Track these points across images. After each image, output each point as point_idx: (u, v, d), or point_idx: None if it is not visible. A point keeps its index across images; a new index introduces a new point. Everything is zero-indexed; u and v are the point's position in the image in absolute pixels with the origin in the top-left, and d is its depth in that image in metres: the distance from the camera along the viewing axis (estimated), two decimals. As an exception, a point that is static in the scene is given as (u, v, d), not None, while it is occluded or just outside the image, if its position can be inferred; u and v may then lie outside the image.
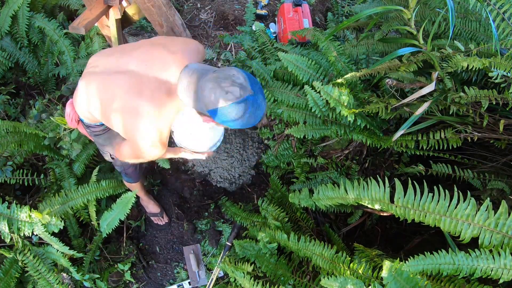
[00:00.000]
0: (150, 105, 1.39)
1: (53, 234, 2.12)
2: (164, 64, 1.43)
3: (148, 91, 1.40)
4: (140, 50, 1.50)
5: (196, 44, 1.62)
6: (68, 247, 2.14)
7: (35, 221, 2.06)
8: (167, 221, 2.76)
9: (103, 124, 1.77)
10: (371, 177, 1.54)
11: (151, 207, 2.69)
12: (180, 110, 1.52)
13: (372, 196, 1.51)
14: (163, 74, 1.42)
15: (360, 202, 1.57)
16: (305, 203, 2.01)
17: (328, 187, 1.78)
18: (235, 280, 1.95)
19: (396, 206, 1.42)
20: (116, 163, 2.17)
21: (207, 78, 1.32)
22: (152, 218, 2.75)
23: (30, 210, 2.06)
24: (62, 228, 2.13)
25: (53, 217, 2.12)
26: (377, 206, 1.48)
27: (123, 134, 1.54)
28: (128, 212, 2.32)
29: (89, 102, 1.57)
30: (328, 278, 1.48)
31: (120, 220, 2.34)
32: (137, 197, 2.63)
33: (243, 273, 1.89)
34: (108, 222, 2.35)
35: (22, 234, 2.07)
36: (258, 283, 1.79)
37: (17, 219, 2.05)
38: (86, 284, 2.27)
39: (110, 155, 2.05)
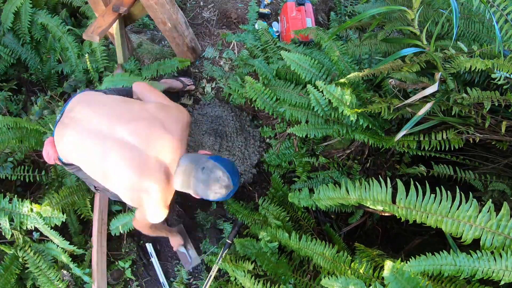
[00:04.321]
0: (154, 183, 1.58)
1: (54, 229, 2.12)
2: (163, 148, 1.61)
3: (150, 171, 1.57)
4: (139, 123, 1.63)
5: (187, 116, 1.80)
6: (68, 243, 2.14)
7: (37, 215, 2.06)
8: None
9: None
10: (373, 178, 1.54)
11: None
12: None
13: (375, 197, 1.50)
14: (161, 156, 1.60)
15: (362, 203, 1.57)
16: (305, 203, 2.01)
17: (329, 187, 1.78)
18: (235, 279, 1.95)
19: (398, 207, 1.42)
20: (106, 194, 2.18)
21: (199, 179, 1.58)
22: None
23: (31, 204, 2.07)
24: (64, 221, 2.13)
25: (54, 210, 2.12)
26: (379, 207, 1.48)
27: (133, 204, 1.70)
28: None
29: (78, 155, 1.68)
30: (328, 278, 1.49)
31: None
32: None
33: (244, 272, 1.89)
34: (125, 222, 2.36)
35: (24, 228, 2.08)
36: (258, 282, 1.79)
37: (19, 213, 2.06)
38: (86, 279, 2.27)
39: (95, 186, 2.05)
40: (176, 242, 2.48)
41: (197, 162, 1.62)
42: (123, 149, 1.58)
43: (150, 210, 1.65)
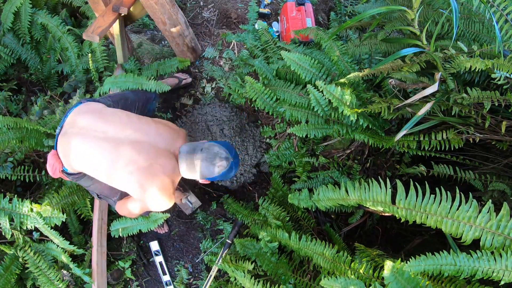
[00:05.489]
0: (166, 169, 1.74)
1: (54, 229, 2.12)
2: (172, 143, 1.84)
3: (163, 158, 1.76)
4: (144, 124, 1.82)
5: (183, 132, 1.99)
6: (68, 243, 2.14)
7: (37, 215, 2.06)
8: (166, 230, 2.76)
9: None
10: (372, 178, 1.54)
11: None
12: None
13: (374, 198, 1.50)
14: (172, 148, 1.82)
15: (362, 204, 1.57)
16: (305, 204, 2.01)
17: (329, 188, 1.78)
18: (235, 279, 1.95)
19: (398, 208, 1.42)
20: (109, 202, 2.20)
21: (200, 158, 1.76)
22: None
23: (31, 204, 2.07)
24: (64, 221, 2.13)
25: (54, 210, 2.12)
26: (379, 208, 1.48)
27: (136, 191, 1.75)
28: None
29: (88, 162, 1.76)
30: (328, 278, 1.49)
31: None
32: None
33: (244, 272, 1.89)
34: (126, 227, 2.36)
35: (24, 228, 2.07)
36: (258, 282, 1.79)
37: (19, 213, 2.06)
38: (86, 279, 2.26)
39: (97, 195, 2.11)
40: (177, 196, 2.55)
41: (196, 146, 1.81)
42: (133, 146, 1.71)
43: (158, 203, 1.74)
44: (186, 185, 2.68)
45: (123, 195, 2.06)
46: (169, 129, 1.88)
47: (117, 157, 1.70)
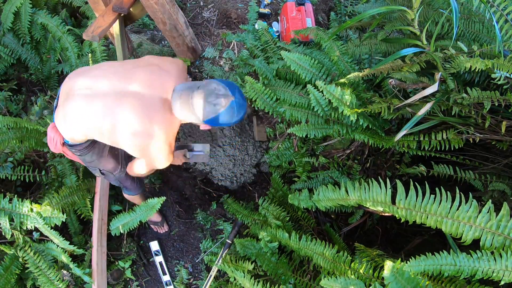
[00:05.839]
0: (161, 126, 1.58)
1: (54, 229, 2.12)
2: (163, 86, 1.61)
3: (157, 113, 1.57)
4: (136, 72, 1.62)
5: (181, 62, 1.82)
6: (68, 243, 2.14)
7: (37, 215, 2.06)
8: (166, 230, 2.76)
9: (87, 141, 1.80)
10: (372, 179, 1.54)
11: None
12: (181, 122, 1.69)
13: (374, 198, 1.50)
14: (164, 94, 1.61)
15: (362, 204, 1.57)
16: (305, 204, 2.01)
17: (329, 188, 1.78)
18: (235, 279, 1.95)
19: (398, 208, 1.42)
20: (109, 179, 2.17)
21: (195, 96, 1.55)
22: (152, 226, 2.75)
23: (31, 204, 2.07)
24: (64, 221, 2.13)
25: (54, 210, 2.12)
26: (379, 208, 1.48)
27: (137, 154, 1.69)
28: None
29: (85, 123, 1.63)
30: (328, 278, 1.49)
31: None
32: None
33: (243, 272, 1.89)
34: (125, 222, 2.35)
35: (24, 228, 2.07)
36: (258, 282, 1.79)
37: (19, 213, 2.06)
38: (86, 279, 2.26)
39: (100, 170, 2.04)
40: (179, 157, 2.26)
41: (193, 85, 1.61)
42: (127, 99, 1.56)
43: (158, 154, 1.64)
44: (187, 144, 2.46)
45: (127, 162, 2.03)
46: (159, 71, 1.66)
47: (110, 114, 1.57)
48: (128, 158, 2.03)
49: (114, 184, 2.24)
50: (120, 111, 1.56)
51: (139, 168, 1.85)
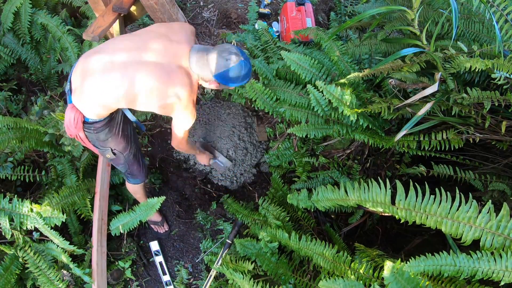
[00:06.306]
0: (183, 88, 1.79)
1: (54, 229, 2.12)
2: (176, 55, 1.81)
3: (177, 77, 1.77)
4: (149, 42, 1.81)
5: (188, 26, 2.01)
6: (68, 243, 2.14)
7: (37, 215, 2.06)
8: (166, 229, 2.76)
9: (106, 118, 1.89)
10: (372, 179, 1.54)
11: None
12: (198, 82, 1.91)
13: (374, 199, 1.50)
14: (178, 62, 1.81)
15: (362, 205, 1.57)
16: (304, 205, 2.01)
17: (328, 189, 1.78)
18: (233, 281, 1.95)
19: (398, 208, 1.42)
20: (119, 161, 2.15)
21: (210, 52, 1.79)
22: (152, 226, 2.74)
23: (31, 204, 2.06)
24: (63, 221, 2.13)
25: (54, 210, 2.12)
26: (379, 209, 1.48)
27: (167, 113, 1.89)
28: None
29: (107, 96, 1.77)
30: (326, 280, 1.48)
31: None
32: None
33: (243, 273, 1.89)
34: (125, 222, 2.35)
35: (24, 228, 2.07)
36: (257, 283, 1.79)
37: (19, 213, 2.06)
38: (86, 279, 2.26)
39: (112, 149, 2.05)
40: (206, 158, 2.69)
41: (209, 46, 1.86)
42: (146, 67, 1.73)
43: (184, 112, 1.84)
44: (213, 149, 2.84)
45: (138, 147, 2.22)
46: (170, 43, 1.84)
47: (137, 87, 1.74)
48: (135, 140, 2.19)
49: (121, 169, 2.24)
50: (141, 80, 1.73)
51: (179, 131, 2.00)
